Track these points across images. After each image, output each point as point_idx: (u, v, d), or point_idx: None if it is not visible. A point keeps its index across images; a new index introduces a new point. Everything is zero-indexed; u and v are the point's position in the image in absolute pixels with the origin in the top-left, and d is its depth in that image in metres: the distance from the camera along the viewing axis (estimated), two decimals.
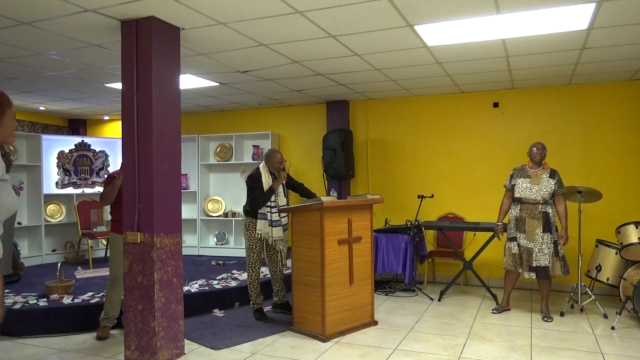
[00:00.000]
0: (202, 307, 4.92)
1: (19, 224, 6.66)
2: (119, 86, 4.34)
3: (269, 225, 4.63)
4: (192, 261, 6.81)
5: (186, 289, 4.96)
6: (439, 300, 5.47)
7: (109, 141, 7.86)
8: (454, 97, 6.42)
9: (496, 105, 6.23)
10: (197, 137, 7.65)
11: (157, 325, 3.34)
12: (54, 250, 7.06)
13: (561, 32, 3.80)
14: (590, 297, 4.84)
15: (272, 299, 5.07)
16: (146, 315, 3.36)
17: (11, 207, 1.99)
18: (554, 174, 4.71)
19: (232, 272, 5.93)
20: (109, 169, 7.66)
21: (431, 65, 4.85)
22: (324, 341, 4.09)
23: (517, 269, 4.76)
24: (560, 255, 4.63)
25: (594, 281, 5.13)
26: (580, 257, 4.87)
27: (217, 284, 5.31)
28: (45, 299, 4.56)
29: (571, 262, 5.16)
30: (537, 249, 4.62)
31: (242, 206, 5.00)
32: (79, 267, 6.28)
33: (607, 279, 4.98)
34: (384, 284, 6.10)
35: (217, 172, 7.90)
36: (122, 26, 3.42)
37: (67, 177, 7.28)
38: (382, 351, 3.89)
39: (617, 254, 4.91)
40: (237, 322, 4.65)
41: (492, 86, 5.97)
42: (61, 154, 7.26)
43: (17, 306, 4.35)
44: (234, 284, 5.32)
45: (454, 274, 5.79)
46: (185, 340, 3.74)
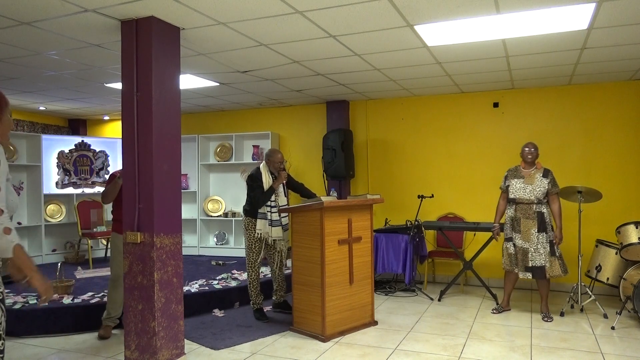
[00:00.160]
0: (202, 307, 4.92)
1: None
2: (119, 86, 4.34)
3: (268, 224, 4.63)
4: (192, 261, 6.82)
5: (186, 289, 4.96)
6: (439, 300, 5.48)
7: (109, 141, 7.86)
8: (454, 97, 6.42)
9: (496, 105, 6.23)
10: (197, 137, 7.65)
11: (157, 325, 3.34)
12: (54, 250, 7.06)
13: (561, 32, 3.80)
14: (590, 297, 4.84)
15: (272, 299, 5.08)
16: (146, 315, 3.36)
17: (16, 207, 2.10)
18: (547, 174, 4.71)
19: (232, 272, 5.93)
20: (109, 169, 7.67)
21: (431, 65, 4.85)
22: (324, 341, 4.09)
23: (514, 269, 4.76)
24: (557, 254, 4.63)
25: (594, 281, 5.13)
26: (580, 257, 4.87)
27: (217, 284, 5.31)
28: None
29: (571, 262, 5.17)
30: (532, 249, 4.62)
31: (242, 206, 5.01)
32: (79, 267, 6.28)
33: (607, 279, 4.98)
34: (384, 284, 6.09)
35: (217, 172, 7.90)
36: (122, 26, 3.42)
37: (67, 177, 7.28)
38: (382, 351, 3.89)
39: (617, 254, 4.91)
40: (237, 322, 4.65)
41: (492, 86, 5.97)
42: (61, 154, 7.26)
43: (17, 306, 4.34)
44: (234, 284, 5.33)
45: (454, 274, 5.79)
46: (185, 340, 3.74)
